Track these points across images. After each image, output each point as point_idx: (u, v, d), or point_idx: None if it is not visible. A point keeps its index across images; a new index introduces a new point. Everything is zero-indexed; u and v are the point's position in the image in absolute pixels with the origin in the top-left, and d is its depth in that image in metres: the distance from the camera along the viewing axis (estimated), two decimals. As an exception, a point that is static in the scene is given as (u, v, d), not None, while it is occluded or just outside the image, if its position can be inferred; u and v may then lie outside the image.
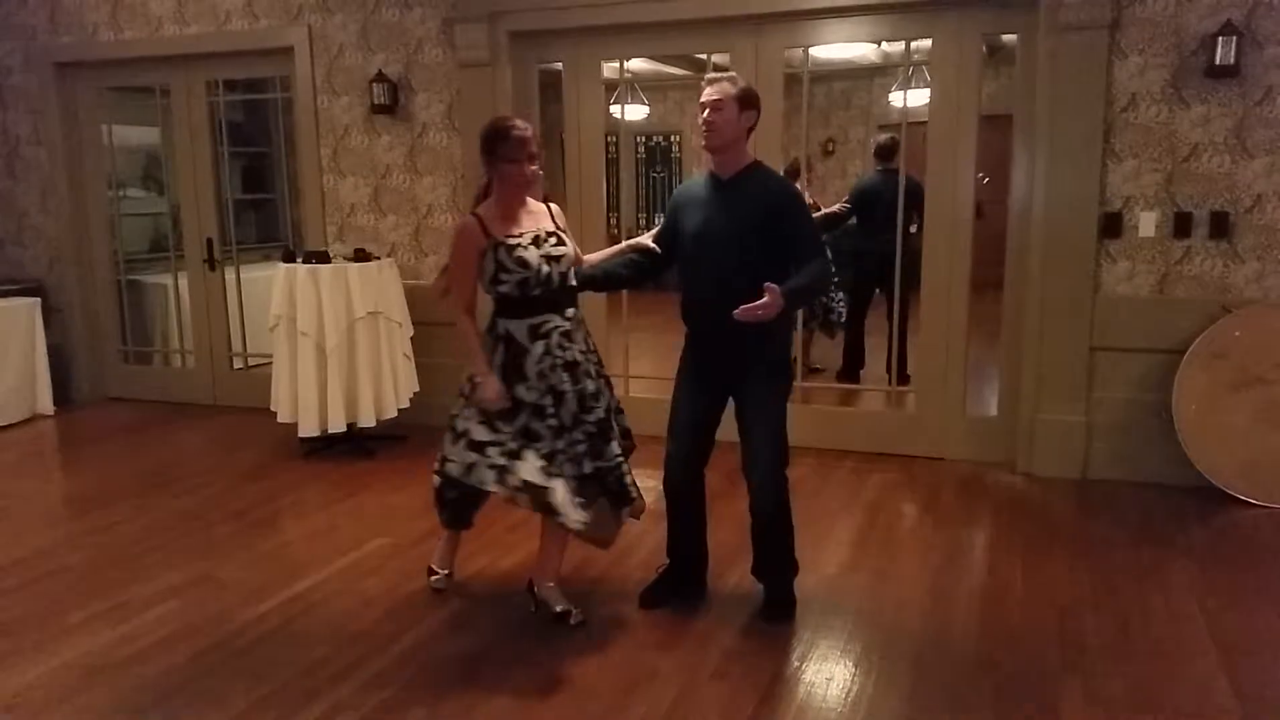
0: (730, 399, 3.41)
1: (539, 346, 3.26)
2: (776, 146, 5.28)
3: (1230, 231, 4.55)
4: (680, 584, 3.60)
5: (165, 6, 6.27)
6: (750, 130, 3.29)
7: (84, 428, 6.39)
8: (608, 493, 3.39)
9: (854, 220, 6.45)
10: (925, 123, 5.15)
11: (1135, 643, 3.23)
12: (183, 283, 6.86)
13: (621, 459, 3.42)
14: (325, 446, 5.48)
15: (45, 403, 6.54)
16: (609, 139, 6.16)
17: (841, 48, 7.07)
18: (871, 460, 5.23)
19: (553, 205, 3.46)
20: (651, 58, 7.19)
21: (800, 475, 5.03)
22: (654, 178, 13.56)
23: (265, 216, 8.48)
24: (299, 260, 5.36)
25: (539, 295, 3.28)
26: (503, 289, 3.27)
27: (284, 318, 5.31)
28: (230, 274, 6.69)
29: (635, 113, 9.00)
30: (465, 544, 3.86)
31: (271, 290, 5.42)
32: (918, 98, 5.64)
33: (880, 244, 5.55)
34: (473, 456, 3.25)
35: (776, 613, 3.44)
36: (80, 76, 6.73)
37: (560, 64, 5.70)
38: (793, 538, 3.49)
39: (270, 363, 5.62)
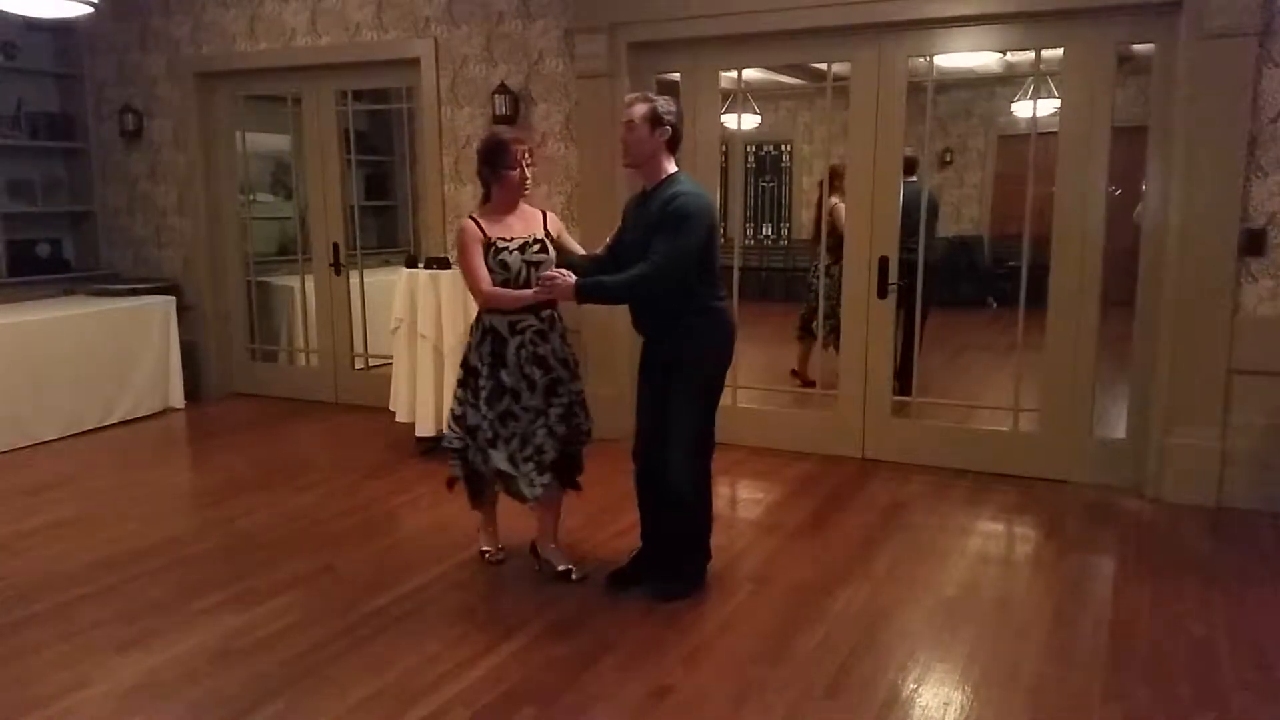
0: None
1: (515, 340, 3.66)
2: (900, 157, 5.21)
3: (1387, 251, 4.29)
4: (650, 568, 3.76)
5: (299, 18, 6.53)
6: (667, 144, 3.49)
7: (212, 421, 6.67)
8: (559, 470, 3.79)
9: None
10: (1053, 133, 4.99)
11: (1278, 682, 3.06)
12: (309, 285, 7.12)
13: (578, 445, 3.86)
14: (440, 446, 5.59)
15: (177, 396, 6.85)
16: (721, 148, 6.13)
17: (963, 56, 6.90)
18: (989, 481, 5.06)
19: (549, 214, 3.85)
20: (769, 68, 7.13)
21: (913, 494, 4.93)
22: (763, 187, 13.48)
23: (385, 223, 8.75)
24: (420, 266, 5.50)
25: None
26: None
27: (405, 321, 5.46)
28: (354, 278, 6.90)
29: (747, 122, 8.97)
30: (576, 549, 3.96)
31: (393, 294, 5.57)
32: (1044, 107, 5.46)
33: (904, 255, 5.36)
34: (467, 440, 3.76)
35: (667, 588, 3.64)
36: (218, 86, 7.04)
37: (678, 74, 5.72)
38: (708, 531, 3.75)
39: (390, 364, 5.77)
